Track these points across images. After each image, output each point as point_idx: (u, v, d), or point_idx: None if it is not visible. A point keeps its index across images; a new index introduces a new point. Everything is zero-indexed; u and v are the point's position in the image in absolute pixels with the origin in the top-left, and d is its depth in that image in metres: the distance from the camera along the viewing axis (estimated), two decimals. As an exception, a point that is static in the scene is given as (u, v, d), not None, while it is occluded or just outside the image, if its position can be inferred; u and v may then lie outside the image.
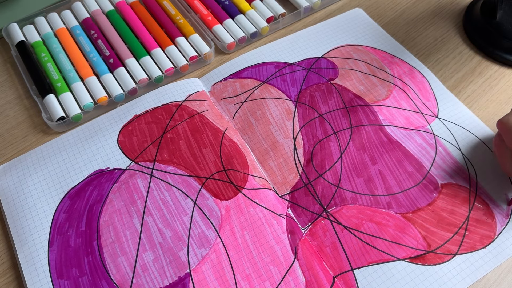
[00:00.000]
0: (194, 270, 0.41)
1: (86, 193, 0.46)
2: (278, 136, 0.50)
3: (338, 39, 0.59)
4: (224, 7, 0.62)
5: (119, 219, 0.44)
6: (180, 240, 0.43)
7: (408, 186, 0.46)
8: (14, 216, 0.45)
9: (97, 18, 0.61)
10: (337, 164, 0.48)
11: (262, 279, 0.41)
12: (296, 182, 0.47)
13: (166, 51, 0.57)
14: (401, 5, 0.63)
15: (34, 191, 0.47)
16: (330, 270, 0.41)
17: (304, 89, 0.54)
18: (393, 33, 0.59)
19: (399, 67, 0.55)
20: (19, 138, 0.52)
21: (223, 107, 0.53)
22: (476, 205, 0.45)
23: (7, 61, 0.59)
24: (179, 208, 0.45)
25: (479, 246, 0.42)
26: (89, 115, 0.53)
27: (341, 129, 0.50)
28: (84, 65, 0.56)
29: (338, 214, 0.44)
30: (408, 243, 0.42)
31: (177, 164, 0.48)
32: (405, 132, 0.50)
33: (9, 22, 0.60)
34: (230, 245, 0.43)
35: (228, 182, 0.46)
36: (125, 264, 0.42)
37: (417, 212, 0.44)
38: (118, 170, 0.48)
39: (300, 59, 0.57)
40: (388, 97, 0.53)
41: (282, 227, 0.43)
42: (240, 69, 0.56)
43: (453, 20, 0.60)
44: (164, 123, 0.51)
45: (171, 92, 0.53)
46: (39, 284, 0.41)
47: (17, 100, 0.55)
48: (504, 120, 0.42)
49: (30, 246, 0.43)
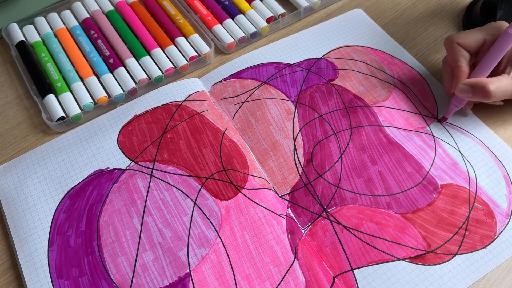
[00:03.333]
0: (194, 270, 0.41)
1: (86, 193, 0.46)
2: (278, 136, 0.50)
3: (338, 40, 0.59)
4: (224, 7, 0.62)
5: (119, 219, 0.44)
6: (180, 240, 0.43)
7: (408, 186, 0.46)
8: (14, 216, 0.45)
9: (97, 18, 0.61)
10: (337, 164, 0.48)
11: (262, 279, 0.41)
12: (296, 182, 0.47)
13: (166, 51, 0.57)
14: (401, 5, 0.63)
15: (34, 191, 0.47)
16: (330, 270, 0.41)
17: (304, 90, 0.54)
18: (393, 33, 0.59)
19: (399, 68, 0.55)
20: (19, 138, 0.52)
21: (223, 107, 0.53)
22: (476, 205, 0.45)
23: (7, 61, 0.59)
24: (179, 208, 0.45)
25: (479, 246, 0.42)
26: (89, 115, 0.53)
27: (341, 129, 0.50)
28: (84, 65, 0.56)
29: (338, 214, 0.45)
30: (408, 243, 0.42)
31: (177, 164, 0.48)
32: (404, 133, 0.50)
33: (9, 22, 0.60)
34: (230, 245, 0.43)
35: (228, 182, 0.46)
36: (125, 264, 0.42)
37: (417, 213, 0.44)
38: (118, 170, 0.48)
39: (300, 60, 0.57)
40: (388, 98, 0.53)
41: (282, 227, 0.43)
42: (240, 69, 0.56)
43: (453, 20, 0.60)
44: (164, 123, 0.51)
45: (171, 92, 0.53)
46: (39, 284, 0.41)
47: (17, 100, 0.55)
48: (448, 36, 0.49)
49: (30, 246, 0.43)
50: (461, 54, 0.47)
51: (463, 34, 0.48)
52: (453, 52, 0.47)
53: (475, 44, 0.47)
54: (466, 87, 0.46)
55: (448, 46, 0.48)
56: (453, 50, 0.47)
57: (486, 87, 0.44)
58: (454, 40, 0.47)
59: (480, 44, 0.47)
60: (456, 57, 0.47)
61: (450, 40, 0.48)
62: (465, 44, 0.47)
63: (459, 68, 0.47)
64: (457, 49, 0.47)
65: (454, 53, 0.47)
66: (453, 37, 0.48)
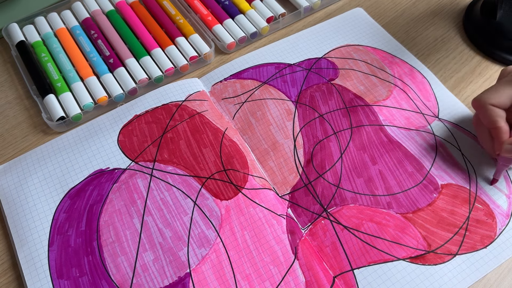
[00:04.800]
0: (194, 270, 0.41)
1: (86, 193, 0.46)
2: (278, 136, 0.50)
3: (338, 39, 0.59)
4: (224, 7, 0.62)
5: (119, 219, 0.44)
6: (180, 240, 0.43)
7: (408, 186, 0.46)
8: (14, 216, 0.45)
9: (97, 18, 0.61)
10: (337, 164, 0.48)
11: (262, 279, 0.41)
12: (296, 182, 0.47)
13: (166, 51, 0.57)
14: (401, 5, 0.63)
15: (34, 191, 0.47)
16: (330, 270, 0.41)
17: (304, 90, 0.54)
18: (393, 33, 0.59)
19: (400, 67, 0.55)
20: (19, 138, 0.52)
21: (223, 107, 0.53)
22: (476, 205, 0.45)
23: (7, 61, 0.59)
24: (179, 208, 0.45)
25: (480, 246, 0.42)
26: (89, 115, 0.53)
27: (341, 129, 0.50)
28: (84, 65, 0.56)
29: (338, 214, 0.44)
30: (408, 243, 0.42)
31: (177, 164, 0.48)
32: (405, 132, 0.50)
33: (9, 22, 0.60)
34: (230, 245, 0.43)
35: (228, 182, 0.46)
36: (125, 264, 0.42)
37: (417, 212, 0.44)
38: (118, 170, 0.48)
39: (301, 60, 0.57)
40: (389, 97, 0.53)
41: (282, 227, 0.43)
42: (240, 69, 0.56)
43: (453, 20, 0.60)
44: (164, 123, 0.51)
45: (171, 92, 0.53)
46: (39, 284, 0.41)
47: (17, 100, 0.55)
48: (477, 98, 0.44)
49: (30, 246, 0.43)
50: (497, 114, 0.43)
51: (493, 93, 0.43)
52: (489, 114, 0.43)
53: (509, 101, 0.43)
54: None
55: (481, 109, 0.44)
56: (489, 112, 0.43)
57: None
58: (487, 102, 0.43)
59: None
60: (493, 119, 0.43)
61: (482, 103, 0.43)
62: (499, 104, 0.43)
63: (500, 130, 0.43)
64: (493, 110, 0.43)
65: (490, 116, 0.43)
66: (485, 98, 0.43)
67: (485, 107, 0.43)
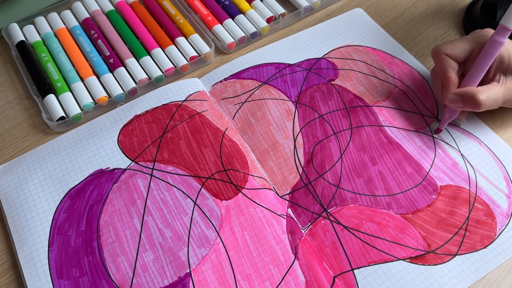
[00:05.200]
0: (194, 270, 0.41)
1: (86, 193, 0.46)
2: (278, 136, 0.50)
3: (338, 40, 0.59)
4: (224, 7, 0.62)
5: (119, 219, 0.44)
6: (180, 240, 0.43)
7: (408, 187, 0.46)
8: (14, 216, 0.45)
9: (97, 18, 0.61)
10: (337, 164, 0.48)
11: (262, 279, 0.41)
12: (296, 182, 0.47)
13: (166, 51, 0.57)
14: (401, 5, 0.63)
15: (34, 191, 0.47)
16: (330, 270, 0.41)
17: (304, 90, 0.54)
18: (393, 33, 0.59)
19: (399, 68, 0.55)
20: (19, 138, 0.52)
21: (223, 107, 0.53)
22: (476, 205, 0.45)
23: (7, 61, 0.59)
24: (179, 208, 0.45)
25: (479, 246, 0.42)
26: (89, 115, 0.53)
27: (341, 129, 0.50)
28: (84, 65, 0.56)
29: (338, 214, 0.45)
30: (408, 243, 0.42)
31: (177, 164, 0.48)
32: (404, 133, 0.50)
33: (9, 22, 0.60)
34: (230, 245, 0.43)
35: (228, 182, 0.46)
36: (125, 264, 0.42)
37: (417, 213, 0.44)
38: (118, 170, 0.48)
39: (301, 60, 0.57)
40: (388, 98, 0.53)
41: (282, 227, 0.43)
42: (240, 69, 0.56)
43: (453, 20, 0.60)
44: (164, 123, 0.51)
45: (171, 92, 0.53)
46: (39, 284, 0.41)
47: (17, 100, 0.55)
48: (435, 47, 0.48)
49: (30, 246, 0.43)
50: (449, 64, 0.46)
51: (450, 44, 0.47)
52: (441, 63, 0.47)
53: (463, 54, 0.46)
54: (456, 97, 0.45)
55: (436, 57, 0.48)
56: (441, 61, 0.47)
57: (475, 96, 0.44)
58: (441, 51, 0.47)
59: (468, 54, 0.47)
60: (445, 68, 0.46)
61: (437, 51, 0.47)
62: (453, 54, 0.46)
63: (448, 79, 0.46)
64: (445, 60, 0.46)
65: (442, 64, 0.47)
66: (440, 48, 0.47)
67: (440, 56, 0.47)
